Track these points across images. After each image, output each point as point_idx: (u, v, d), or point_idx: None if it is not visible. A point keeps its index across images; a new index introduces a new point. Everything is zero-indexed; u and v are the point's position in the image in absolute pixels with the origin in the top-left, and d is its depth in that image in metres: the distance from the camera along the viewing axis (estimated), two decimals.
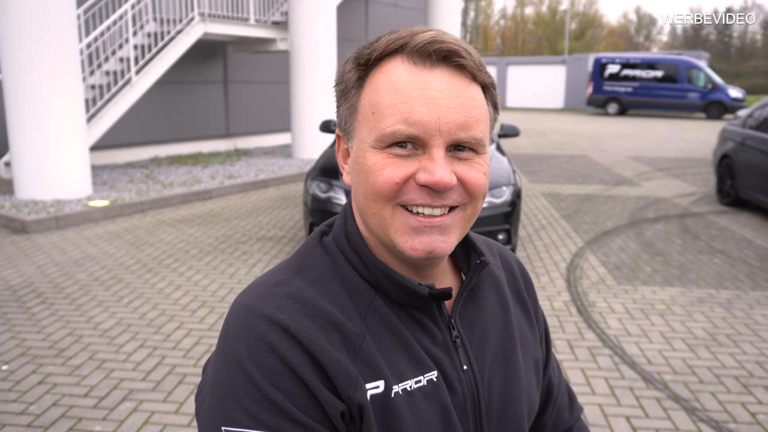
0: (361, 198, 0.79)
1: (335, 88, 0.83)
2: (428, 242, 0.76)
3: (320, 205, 5.28)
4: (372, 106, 0.76)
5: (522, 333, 0.96)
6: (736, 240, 6.68)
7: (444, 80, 0.74)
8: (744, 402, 3.33)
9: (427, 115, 0.73)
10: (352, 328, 0.78)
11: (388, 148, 0.75)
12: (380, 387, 0.77)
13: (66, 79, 7.49)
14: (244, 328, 0.76)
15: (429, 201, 0.75)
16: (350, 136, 0.81)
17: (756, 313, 4.60)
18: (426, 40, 0.74)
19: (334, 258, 0.84)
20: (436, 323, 0.83)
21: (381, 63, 0.78)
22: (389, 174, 0.75)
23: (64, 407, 3.21)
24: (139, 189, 8.46)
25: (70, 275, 5.26)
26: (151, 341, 4.02)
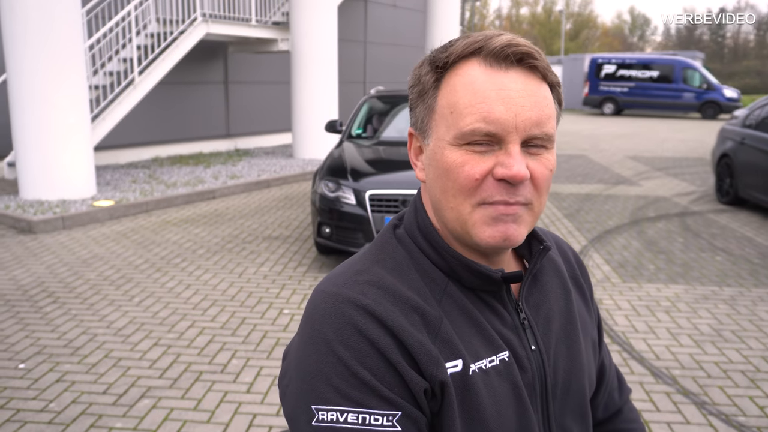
0: (438, 192, 0.84)
1: (411, 90, 0.88)
2: (504, 230, 0.81)
3: (328, 204, 5.33)
4: (450, 106, 0.81)
5: (581, 315, 1.02)
6: (736, 238, 6.76)
7: (519, 81, 0.80)
8: (752, 396, 3.40)
9: (504, 113, 0.78)
10: (431, 312, 0.83)
11: (466, 146, 0.80)
12: (459, 366, 0.82)
13: (71, 79, 7.51)
14: (331, 313, 0.81)
15: (505, 197, 0.80)
16: (426, 135, 0.86)
17: (760, 310, 4.67)
18: (503, 43, 0.80)
19: (408, 248, 0.89)
20: (505, 306, 0.89)
21: (457, 66, 0.83)
22: (469, 170, 0.80)
23: (83, 404, 3.25)
24: (142, 189, 8.49)
25: (79, 275, 5.29)
26: (165, 339, 4.06)
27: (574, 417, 0.95)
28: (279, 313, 4.51)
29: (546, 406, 0.91)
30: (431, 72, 0.85)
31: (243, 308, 4.61)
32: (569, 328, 0.96)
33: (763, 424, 3.12)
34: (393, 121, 6.97)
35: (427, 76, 0.85)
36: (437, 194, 0.85)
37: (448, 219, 0.85)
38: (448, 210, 0.84)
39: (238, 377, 3.56)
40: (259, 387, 3.45)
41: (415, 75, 0.87)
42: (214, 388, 3.44)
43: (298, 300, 4.79)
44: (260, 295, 4.87)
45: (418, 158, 0.90)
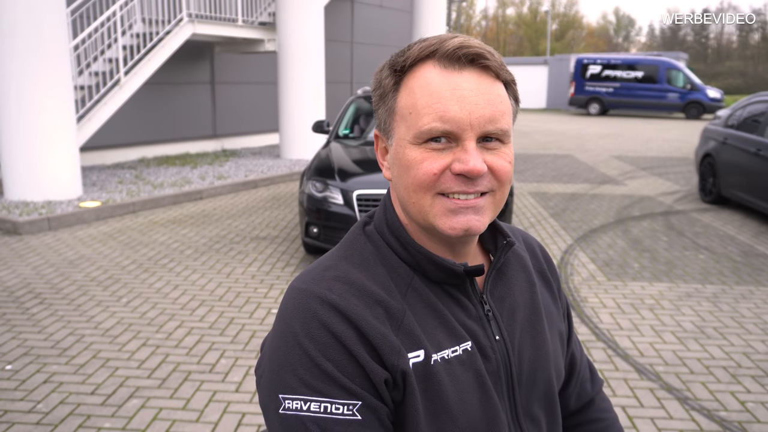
0: (402, 189, 0.89)
1: (373, 94, 0.93)
2: (465, 221, 0.85)
3: (316, 204, 5.35)
4: (409, 108, 0.86)
5: (547, 307, 1.06)
6: (719, 236, 6.86)
7: (472, 80, 0.84)
8: (733, 391, 3.46)
9: (459, 112, 0.82)
10: (394, 305, 0.87)
11: (425, 144, 0.84)
12: (421, 356, 0.86)
13: (56, 80, 7.47)
14: (298, 308, 0.86)
15: (464, 188, 0.84)
16: (389, 135, 0.90)
17: (741, 307, 4.75)
18: (455, 45, 0.84)
19: (376, 244, 0.93)
20: (469, 299, 0.93)
21: (414, 68, 0.87)
22: (428, 166, 0.84)
23: (71, 405, 3.25)
24: (129, 190, 8.45)
25: (66, 276, 5.27)
26: (153, 340, 4.06)
27: (540, 405, 0.99)
28: (267, 313, 4.53)
29: (512, 394, 0.94)
30: (391, 75, 0.89)
31: (231, 308, 4.62)
32: (534, 320, 1.00)
33: (744, 419, 3.18)
34: None
35: (387, 79, 0.89)
36: (401, 191, 0.89)
37: (413, 213, 0.89)
38: (412, 204, 0.87)
39: (226, 377, 3.58)
40: (248, 386, 3.47)
41: (376, 79, 0.92)
42: (203, 387, 3.45)
43: None
44: (248, 295, 4.88)
45: (384, 158, 0.94)
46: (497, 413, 0.91)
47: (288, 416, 0.82)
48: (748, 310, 4.68)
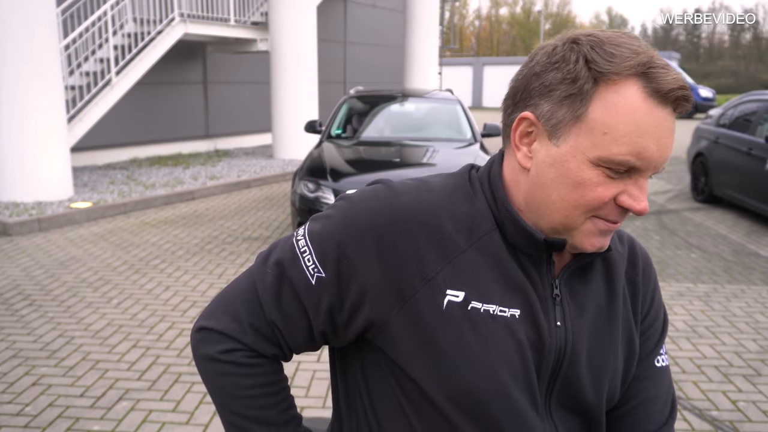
0: (555, 197, 0.84)
1: (558, 85, 0.82)
2: (603, 241, 0.87)
3: (308, 204, 5.33)
4: (606, 127, 0.80)
5: (627, 323, 0.99)
6: (711, 236, 6.88)
7: (669, 120, 0.81)
8: (725, 390, 3.47)
9: (655, 152, 0.81)
10: (456, 240, 0.88)
11: (605, 168, 0.81)
12: (459, 297, 0.86)
13: (47, 80, 7.42)
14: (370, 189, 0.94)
15: (618, 219, 0.85)
16: (557, 135, 0.83)
17: (733, 306, 4.76)
18: (674, 85, 0.79)
19: (475, 186, 0.93)
20: (540, 276, 0.90)
21: (617, 80, 0.80)
22: (602, 192, 0.82)
23: (60, 408, 3.22)
24: (121, 190, 8.41)
25: (56, 277, 5.23)
26: (144, 341, 4.03)
27: (577, 410, 0.94)
28: None
29: (553, 383, 0.91)
30: (588, 77, 0.81)
31: None
32: (602, 328, 0.95)
33: (736, 418, 3.18)
34: (373, 122, 6.99)
35: (582, 80, 0.81)
36: (551, 196, 0.85)
37: (555, 220, 0.86)
38: (560, 216, 0.85)
39: None
40: None
41: (571, 73, 0.81)
42: (193, 389, 3.43)
43: None
44: None
45: (523, 142, 0.88)
46: (532, 389, 0.89)
47: (293, 233, 0.95)
48: (740, 309, 4.69)
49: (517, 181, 0.90)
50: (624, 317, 0.99)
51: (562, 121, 0.83)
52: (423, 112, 7.26)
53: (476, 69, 35.89)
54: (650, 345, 1.03)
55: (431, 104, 7.37)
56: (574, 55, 0.82)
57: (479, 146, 6.27)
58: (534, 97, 0.85)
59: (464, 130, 6.72)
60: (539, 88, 0.84)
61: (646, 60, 0.80)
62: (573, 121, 0.82)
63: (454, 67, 36.10)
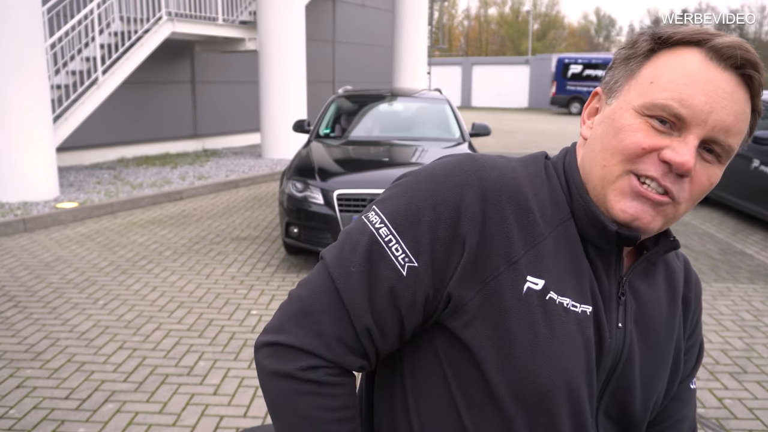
0: (598, 148, 0.83)
1: (620, 50, 0.85)
2: (639, 210, 0.80)
3: (296, 204, 5.31)
4: (653, 77, 0.79)
5: (678, 338, 0.97)
6: (698, 234, 6.92)
7: (731, 84, 0.77)
8: (711, 388, 3.49)
9: (703, 104, 0.76)
10: (541, 225, 0.84)
11: (649, 117, 0.78)
12: (539, 285, 0.81)
13: (32, 79, 7.35)
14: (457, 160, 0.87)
15: (659, 176, 0.78)
16: (612, 95, 0.84)
17: (719, 304, 4.79)
18: (732, 42, 0.77)
19: (550, 174, 0.89)
20: (608, 271, 0.87)
21: (678, 47, 0.80)
22: (641, 138, 0.78)
23: (45, 410, 3.18)
24: (107, 190, 8.34)
25: (42, 278, 5.18)
26: (130, 342, 4.00)
27: (620, 417, 0.91)
28: (247, 314, 4.48)
29: (606, 385, 0.87)
30: (649, 41, 0.82)
31: (210, 310, 4.56)
32: (660, 338, 0.92)
33: (722, 416, 3.20)
34: (361, 121, 6.97)
35: (644, 43, 0.82)
36: (596, 149, 0.84)
37: (595, 176, 0.83)
38: (599, 167, 0.82)
39: (204, 379, 3.53)
40: (227, 389, 3.42)
41: (632, 39, 0.85)
42: (180, 390, 3.40)
43: (266, 301, 4.76)
44: (228, 297, 4.83)
45: (590, 117, 0.89)
46: (592, 390, 0.85)
47: (362, 221, 0.85)
48: (726, 307, 4.72)
49: (581, 157, 0.89)
50: (677, 332, 0.96)
51: (618, 81, 0.84)
52: (412, 112, 7.26)
53: (465, 69, 35.95)
54: (690, 366, 1.01)
55: (420, 104, 7.37)
56: (644, 29, 0.85)
57: (468, 146, 6.27)
58: (607, 72, 0.87)
59: (453, 129, 6.73)
60: (612, 63, 0.87)
61: (712, 32, 0.79)
62: (627, 78, 0.82)
63: (443, 66, 36.15)
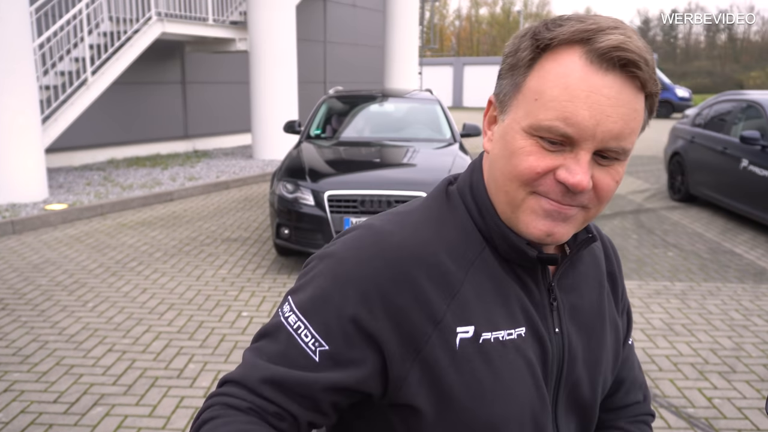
0: (498, 174, 0.83)
1: (504, 59, 0.83)
2: (551, 226, 0.80)
3: (287, 205, 5.29)
4: (536, 93, 0.77)
5: (611, 313, 0.99)
6: (688, 234, 6.96)
7: (614, 88, 0.75)
8: (700, 387, 3.50)
9: (587, 119, 0.74)
10: (454, 272, 0.82)
11: (538, 138, 0.77)
12: (470, 332, 0.81)
13: (20, 80, 7.29)
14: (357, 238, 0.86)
15: (560, 198, 0.78)
16: (504, 110, 0.82)
17: (708, 304, 4.82)
18: (612, 45, 0.74)
19: (455, 204, 0.88)
20: (537, 284, 0.88)
21: (558, 49, 0.77)
22: (533, 162, 0.77)
23: (33, 414, 3.16)
24: (97, 192, 8.29)
25: (30, 280, 5.14)
26: (120, 345, 3.97)
27: (577, 410, 0.94)
28: (237, 316, 4.46)
29: (557, 390, 0.90)
30: (530, 49, 0.79)
31: (200, 312, 4.54)
32: (596, 323, 0.95)
33: (711, 415, 3.22)
34: (352, 122, 6.96)
35: (525, 52, 0.79)
36: (496, 174, 0.83)
37: (500, 200, 0.83)
38: (503, 193, 0.82)
39: (194, 382, 3.51)
40: None
41: (513, 44, 0.82)
42: (170, 393, 3.38)
43: (256, 302, 4.74)
44: (218, 298, 4.81)
45: (490, 127, 0.87)
46: (545, 406, 0.87)
47: (276, 314, 0.85)
48: (715, 307, 4.75)
49: (486, 170, 0.88)
50: (609, 309, 0.98)
51: (507, 94, 0.82)
52: (403, 112, 7.26)
53: (456, 69, 35.97)
54: (626, 329, 1.06)
55: (411, 104, 7.37)
56: (524, 31, 0.82)
57: (458, 146, 6.27)
58: (497, 80, 0.85)
59: (444, 130, 6.73)
60: (500, 72, 0.85)
61: (594, 27, 0.76)
62: (514, 92, 0.81)
63: (434, 66, 36.16)
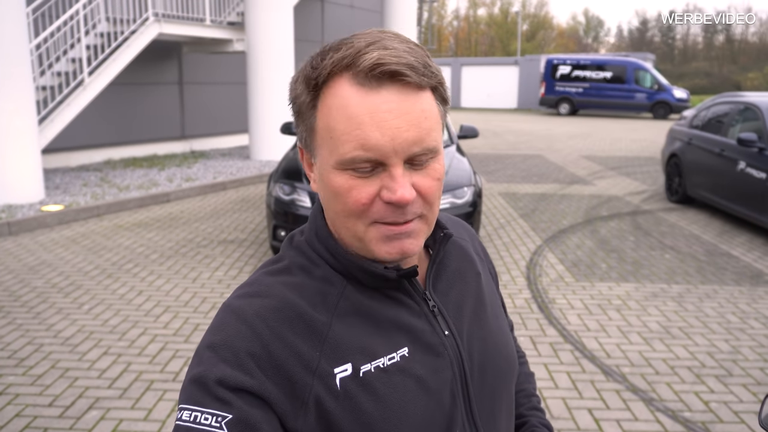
0: (332, 213, 0.84)
1: (291, 107, 0.86)
2: (400, 246, 0.82)
3: (283, 207, 5.28)
4: (329, 131, 0.79)
5: (491, 295, 1.03)
6: (685, 236, 6.96)
7: (392, 99, 0.77)
8: (697, 391, 3.50)
9: (381, 139, 0.76)
10: (318, 318, 0.83)
11: (350, 171, 0.79)
12: (348, 369, 0.81)
13: (17, 80, 7.27)
14: (217, 321, 0.84)
15: (394, 218, 0.80)
16: (312, 154, 0.85)
17: (705, 306, 4.82)
18: (370, 64, 0.76)
19: (307, 255, 0.89)
20: (411, 297, 0.89)
21: (329, 83, 0.80)
22: (356, 195, 0.79)
23: (28, 418, 3.15)
24: (94, 193, 8.27)
25: (26, 282, 5.12)
26: (115, 348, 3.96)
27: (494, 398, 0.96)
28: None
29: (467, 390, 0.91)
30: (306, 92, 0.82)
31: (197, 314, 4.53)
32: (479, 311, 0.97)
33: (708, 419, 3.21)
34: None
35: (303, 96, 0.82)
36: (331, 216, 0.85)
37: (345, 236, 0.85)
38: (344, 230, 0.84)
39: None
40: None
41: (291, 92, 0.85)
42: (166, 396, 3.37)
43: None
44: (215, 301, 4.79)
45: (311, 170, 0.88)
46: (449, 415, 0.87)
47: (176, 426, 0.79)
48: (712, 310, 4.75)
49: (328, 218, 0.89)
50: (488, 287, 1.02)
51: (307, 139, 0.84)
52: None
53: (455, 69, 35.98)
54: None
55: None
56: (295, 76, 0.84)
57: (455, 148, 6.26)
58: (295, 127, 0.87)
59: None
60: (293, 119, 0.87)
61: (350, 52, 0.77)
62: (311, 135, 0.83)
63: None
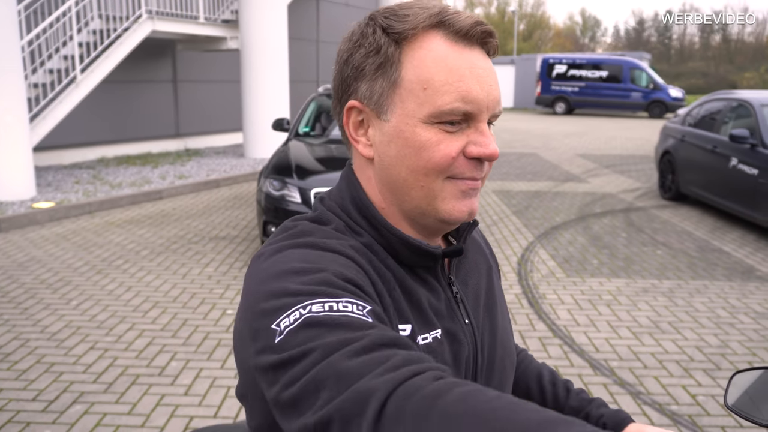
0: (405, 172, 0.81)
1: (364, 60, 0.81)
2: (470, 204, 0.83)
3: (274, 203, 5.26)
4: (423, 82, 0.78)
5: (500, 292, 1.03)
6: (677, 232, 6.95)
7: (482, 59, 0.81)
8: (685, 385, 3.49)
9: (480, 92, 0.78)
10: (384, 270, 0.82)
11: (439, 124, 0.78)
12: (407, 331, 0.80)
13: (8, 78, 7.24)
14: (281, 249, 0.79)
15: (475, 173, 0.81)
16: (384, 110, 0.81)
17: (695, 301, 4.81)
18: (471, 23, 0.79)
19: (348, 220, 0.85)
20: (439, 282, 0.88)
21: (417, 38, 0.79)
22: (445, 149, 0.78)
23: (10, 412, 3.12)
24: (86, 190, 8.24)
25: (14, 279, 5.10)
26: (102, 343, 3.94)
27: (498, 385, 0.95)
28: (222, 314, 4.43)
29: (476, 380, 0.90)
30: (392, 43, 0.80)
31: (185, 309, 4.51)
32: (491, 305, 0.97)
33: (695, 412, 3.20)
34: None
35: (388, 46, 0.79)
36: (401, 173, 0.81)
37: (415, 197, 0.82)
38: (418, 188, 0.81)
39: (176, 380, 3.48)
40: (198, 389, 3.38)
41: (369, 44, 0.80)
42: (151, 391, 3.35)
43: None
44: (203, 296, 4.77)
45: (358, 133, 0.84)
46: None
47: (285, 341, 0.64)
48: (702, 305, 4.74)
49: (369, 178, 0.86)
50: (498, 286, 1.03)
51: (383, 94, 0.81)
52: None
53: None
54: None
55: None
56: (370, 28, 0.82)
57: None
58: (351, 84, 0.83)
59: None
60: (352, 73, 0.83)
61: (438, 10, 0.80)
62: (392, 89, 0.80)
63: None
